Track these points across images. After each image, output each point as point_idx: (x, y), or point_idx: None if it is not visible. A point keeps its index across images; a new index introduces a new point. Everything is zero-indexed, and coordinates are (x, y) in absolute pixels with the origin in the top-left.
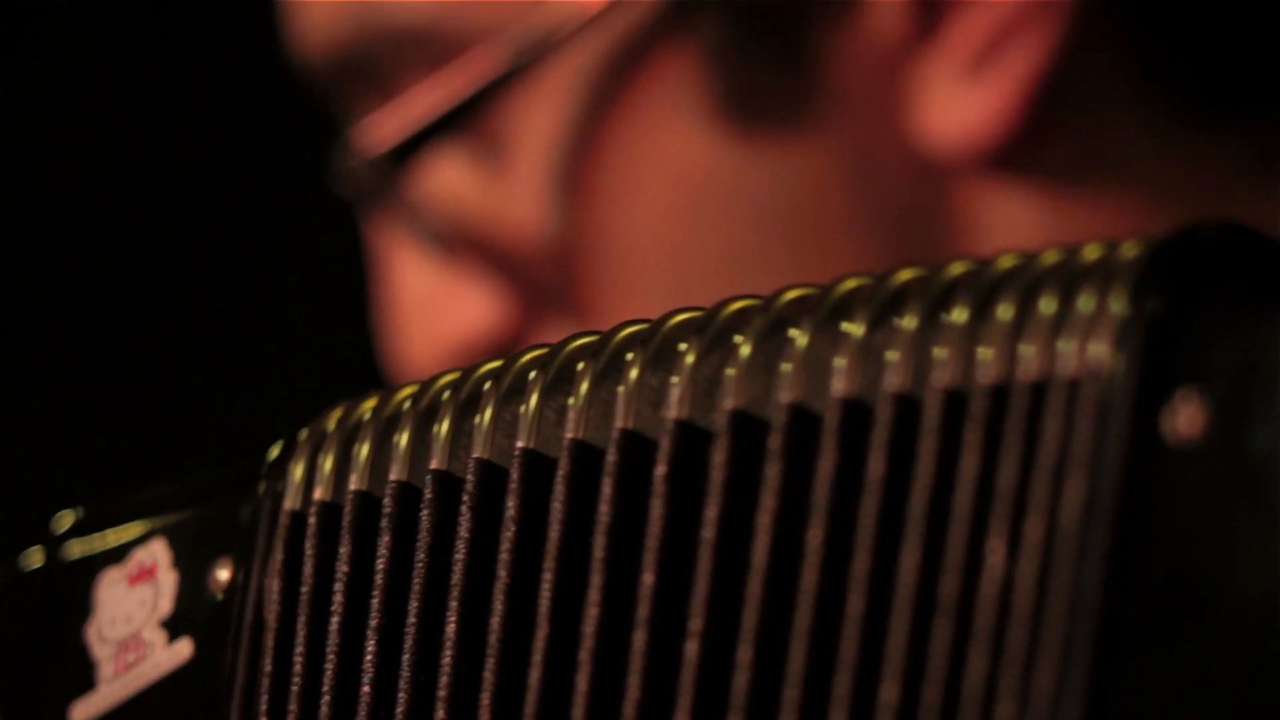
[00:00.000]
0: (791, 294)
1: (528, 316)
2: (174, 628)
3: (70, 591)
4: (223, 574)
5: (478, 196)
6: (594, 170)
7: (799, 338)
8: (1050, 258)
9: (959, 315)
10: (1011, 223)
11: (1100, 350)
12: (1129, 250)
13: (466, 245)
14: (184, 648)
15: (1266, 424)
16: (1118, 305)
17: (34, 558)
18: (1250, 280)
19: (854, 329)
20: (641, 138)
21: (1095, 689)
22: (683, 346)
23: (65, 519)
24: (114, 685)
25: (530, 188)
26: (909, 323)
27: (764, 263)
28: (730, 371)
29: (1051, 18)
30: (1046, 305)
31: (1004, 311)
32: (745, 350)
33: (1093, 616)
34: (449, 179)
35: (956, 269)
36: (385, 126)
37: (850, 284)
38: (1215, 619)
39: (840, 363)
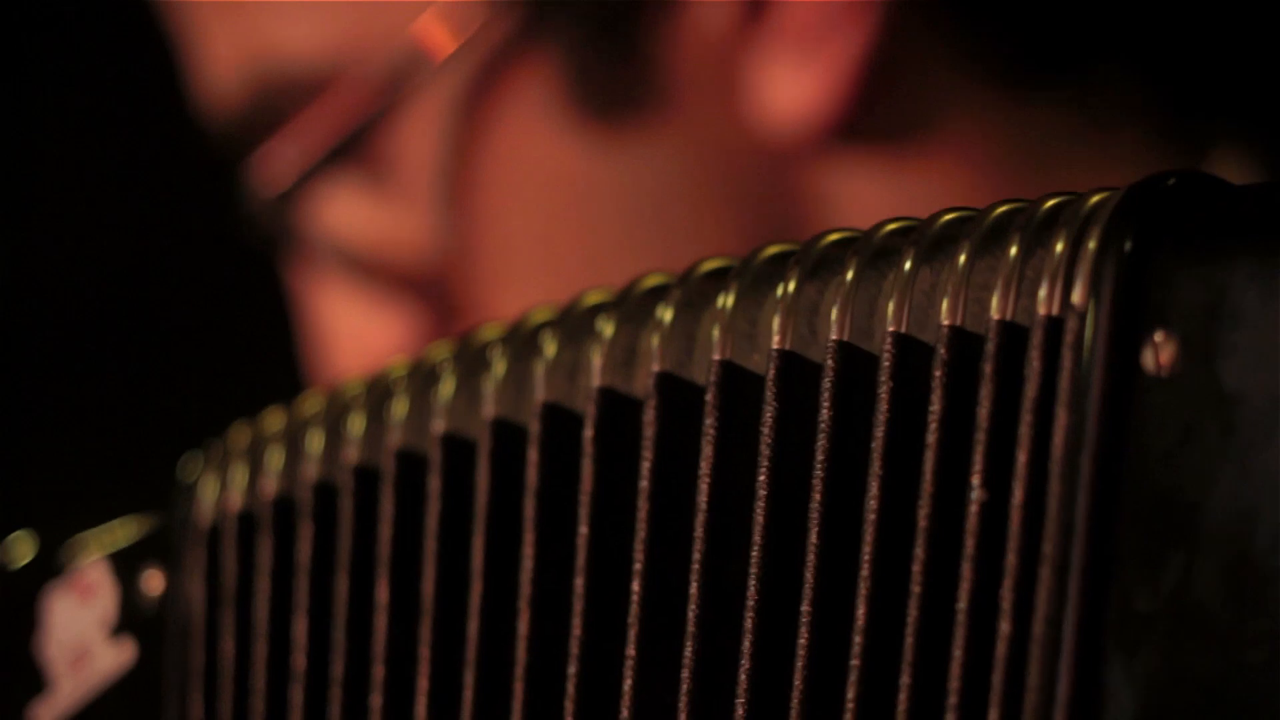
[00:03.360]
0: (708, 265)
1: (439, 328)
2: (118, 634)
3: (19, 608)
4: (155, 582)
5: (373, 221)
6: (471, 182)
7: (724, 300)
8: (1003, 208)
9: (910, 266)
10: (854, 193)
11: (1078, 290)
12: (1098, 197)
13: (371, 268)
14: (128, 651)
15: (1233, 358)
16: (1093, 248)
17: None
18: (1210, 223)
19: (786, 289)
20: (509, 143)
21: (1090, 603)
22: (598, 322)
23: (12, 542)
24: (67, 690)
25: (417, 206)
26: (849, 276)
27: (628, 250)
28: (653, 340)
29: None
30: (1015, 251)
31: (964, 259)
32: (666, 318)
33: (1085, 534)
34: (345, 208)
35: (891, 225)
36: (277, 166)
37: (774, 250)
38: (1195, 537)
39: (776, 320)
